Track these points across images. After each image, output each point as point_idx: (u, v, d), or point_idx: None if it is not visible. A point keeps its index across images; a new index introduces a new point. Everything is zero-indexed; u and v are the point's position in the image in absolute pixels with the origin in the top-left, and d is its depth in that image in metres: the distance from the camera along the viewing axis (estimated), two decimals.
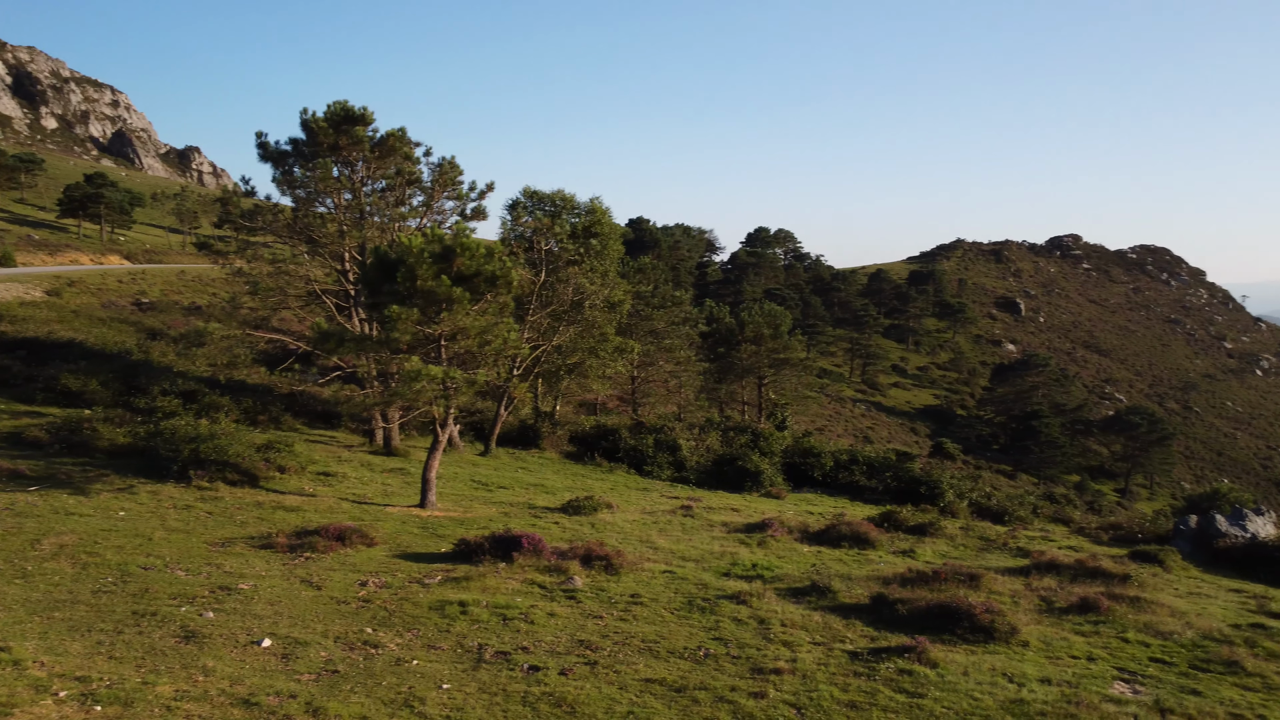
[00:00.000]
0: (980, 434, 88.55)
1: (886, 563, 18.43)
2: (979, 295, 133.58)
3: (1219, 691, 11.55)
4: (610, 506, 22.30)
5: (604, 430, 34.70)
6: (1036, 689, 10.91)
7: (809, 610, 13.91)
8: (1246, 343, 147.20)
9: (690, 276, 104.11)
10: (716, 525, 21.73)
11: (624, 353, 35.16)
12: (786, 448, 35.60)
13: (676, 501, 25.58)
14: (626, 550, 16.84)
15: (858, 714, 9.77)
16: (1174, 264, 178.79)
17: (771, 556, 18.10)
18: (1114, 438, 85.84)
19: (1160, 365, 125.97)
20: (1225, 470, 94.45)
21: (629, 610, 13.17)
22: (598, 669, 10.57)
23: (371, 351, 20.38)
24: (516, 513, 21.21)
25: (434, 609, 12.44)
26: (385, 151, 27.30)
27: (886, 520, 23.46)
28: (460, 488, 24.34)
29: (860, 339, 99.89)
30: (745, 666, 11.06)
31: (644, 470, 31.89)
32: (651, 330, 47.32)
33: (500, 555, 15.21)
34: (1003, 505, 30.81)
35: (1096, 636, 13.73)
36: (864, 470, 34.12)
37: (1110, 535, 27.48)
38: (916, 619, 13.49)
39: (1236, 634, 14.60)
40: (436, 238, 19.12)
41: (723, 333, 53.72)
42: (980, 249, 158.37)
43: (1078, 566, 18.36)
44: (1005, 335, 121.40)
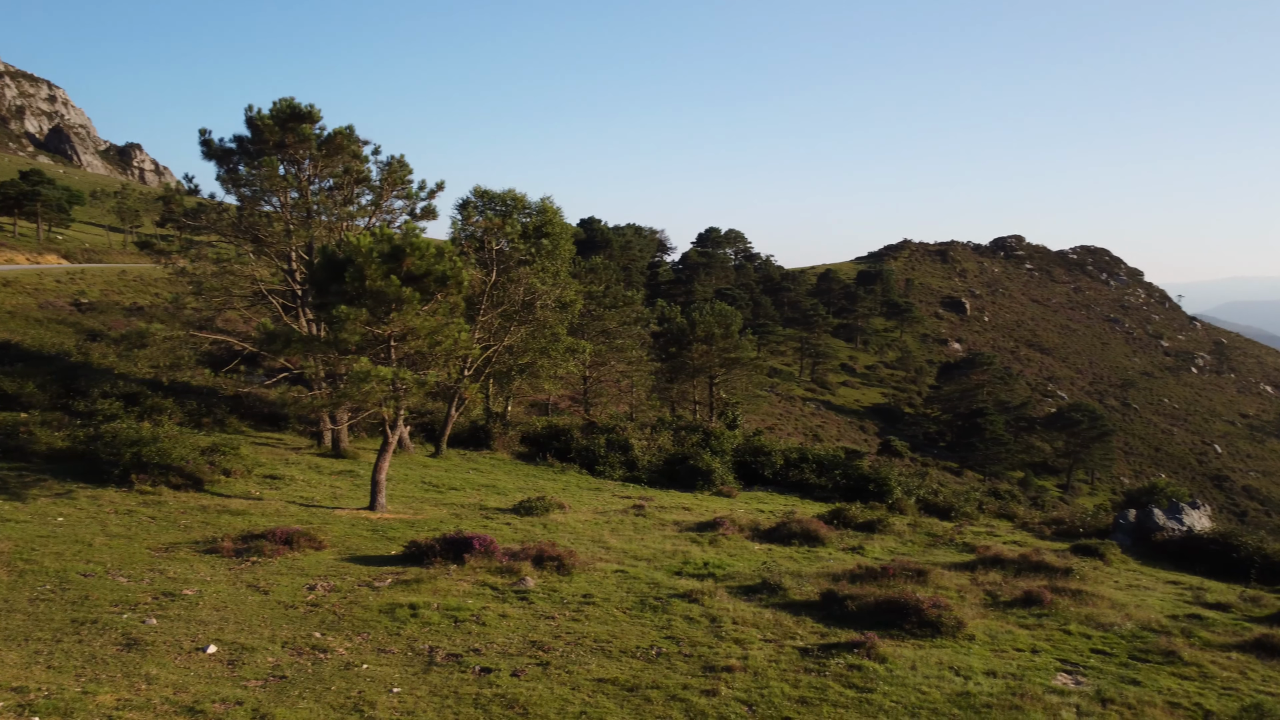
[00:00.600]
0: (927, 431, 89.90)
1: (836, 559, 18.64)
2: (926, 295, 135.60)
3: (1157, 681, 11.87)
4: (562, 507, 22.27)
5: (556, 430, 34.62)
6: (982, 682, 11.13)
7: (760, 608, 14.02)
8: (1182, 341, 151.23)
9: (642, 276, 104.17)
10: (668, 524, 21.80)
11: (576, 353, 35.11)
12: (737, 446, 35.81)
13: (628, 501, 25.62)
14: (579, 550, 16.83)
15: (808, 710, 9.88)
16: (1113, 264, 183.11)
17: (723, 555, 18.21)
18: (1056, 434, 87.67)
19: (1100, 363, 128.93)
20: (1163, 465, 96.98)
21: (581, 610, 13.16)
22: (550, 670, 10.56)
23: (319, 352, 20.12)
24: (468, 514, 21.08)
25: (384, 612, 12.32)
26: (333, 150, 26.95)
27: (836, 517, 23.72)
28: (410, 489, 24.13)
29: (810, 338, 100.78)
30: (697, 665, 11.12)
31: (596, 470, 31.87)
32: (603, 330, 47.29)
33: (451, 557, 15.11)
34: (949, 501, 31.34)
35: (1040, 629, 14.03)
36: (814, 468, 34.45)
37: (1053, 530, 28.09)
38: (866, 615, 13.67)
39: (1174, 625, 15.02)
40: (386, 237, 18.94)
41: (674, 332, 53.87)
42: (927, 249, 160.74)
43: (1022, 561, 18.75)
44: (951, 334, 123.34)
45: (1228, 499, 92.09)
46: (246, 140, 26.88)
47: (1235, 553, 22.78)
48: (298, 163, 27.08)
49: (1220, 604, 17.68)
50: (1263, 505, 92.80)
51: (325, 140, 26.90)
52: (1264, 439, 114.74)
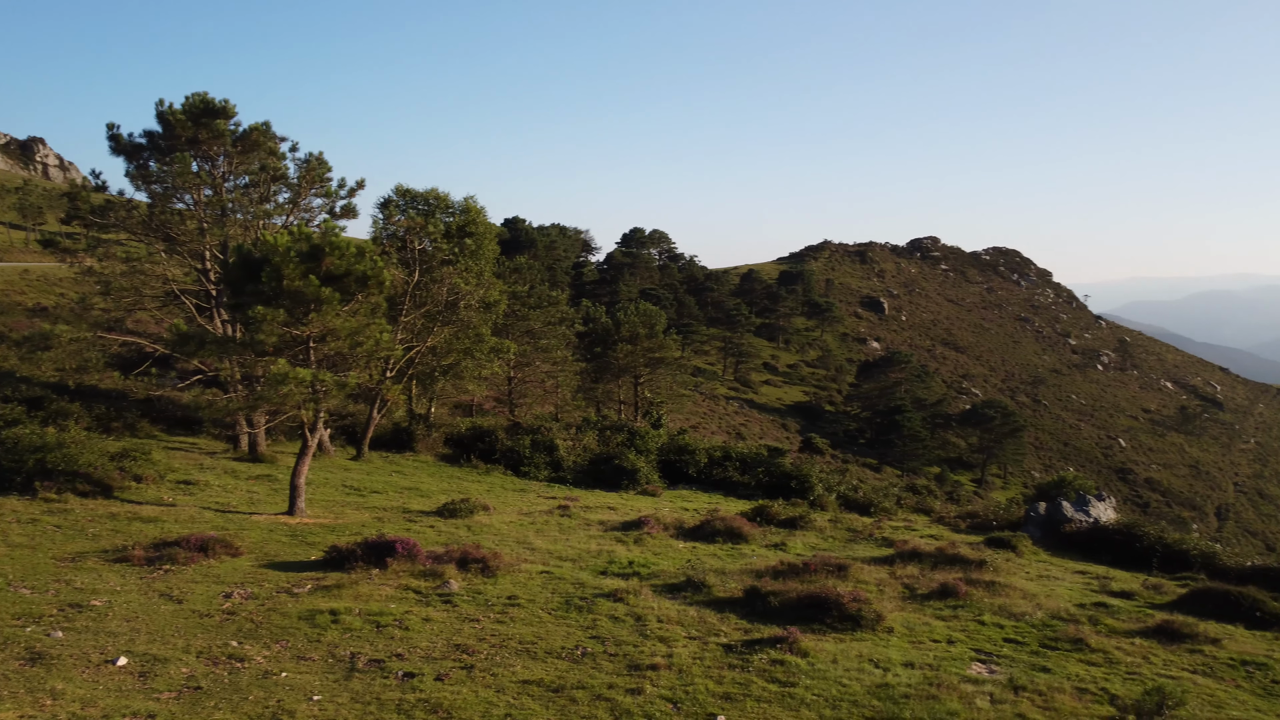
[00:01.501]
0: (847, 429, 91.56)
1: (759, 556, 18.90)
2: (845, 295, 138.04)
3: (1066, 668, 12.33)
4: (487, 508, 22.13)
5: (480, 432, 34.35)
6: (901, 673, 11.41)
7: (685, 605, 14.15)
8: (1089, 339, 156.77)
9: (566, 276, 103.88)
10: (594, 524, 21.83)
11: (500, 353, 34.88)
12: (662, 446, 36.02)
13: (554, 501, 25.57)
14: (504, 552, 16.75)
15: (732, 705, 10.01)
16: (1023, 265, 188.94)
17: (648, 554, 18.31)
18: (971, 430, 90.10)
19: (1012, 361, 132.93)
20: (1071, 459, 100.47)
21: (506, 612, 13.11)
22: (474, 673, 10.49)
23: (235, 354, 19.64)
24: (390, 517, 20.79)
25: (304, 619, 12.09)
26: (248, 146, 26.32)
27: (759, 515, 24.03)
28: (331, 493, 23.70)
29: (733, 338, 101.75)
30: (622, 664, 11.17)
31: (521, 471, 31.73)
32: (528, 330, 47.10)
33: (373, 561, 14.89)
34: (869, 497, 32.02)
35: (956, 620, 14.44)
36: (737, 466, 34.84)
37: (968, 523, 28.92)
38: (788, 610, 13.90)
39: (1082, 613, 15.61)
40: (304, 236, 18.56)
41: (599, 332, 53.91)
42: (846, 250, 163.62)
43: (938, 554, 19.27)
44: (870, 333, 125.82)
45: (1131, 491, 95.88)
46: (158, 136, 26.10)
47: (1138, 543, 23.77)
48: (212, 159, 26.39)
49: (1125, 592, 18.44)
50: (1164, 497, 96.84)
51: (240, 136, 26.26)
52: (1165, 433, 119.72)
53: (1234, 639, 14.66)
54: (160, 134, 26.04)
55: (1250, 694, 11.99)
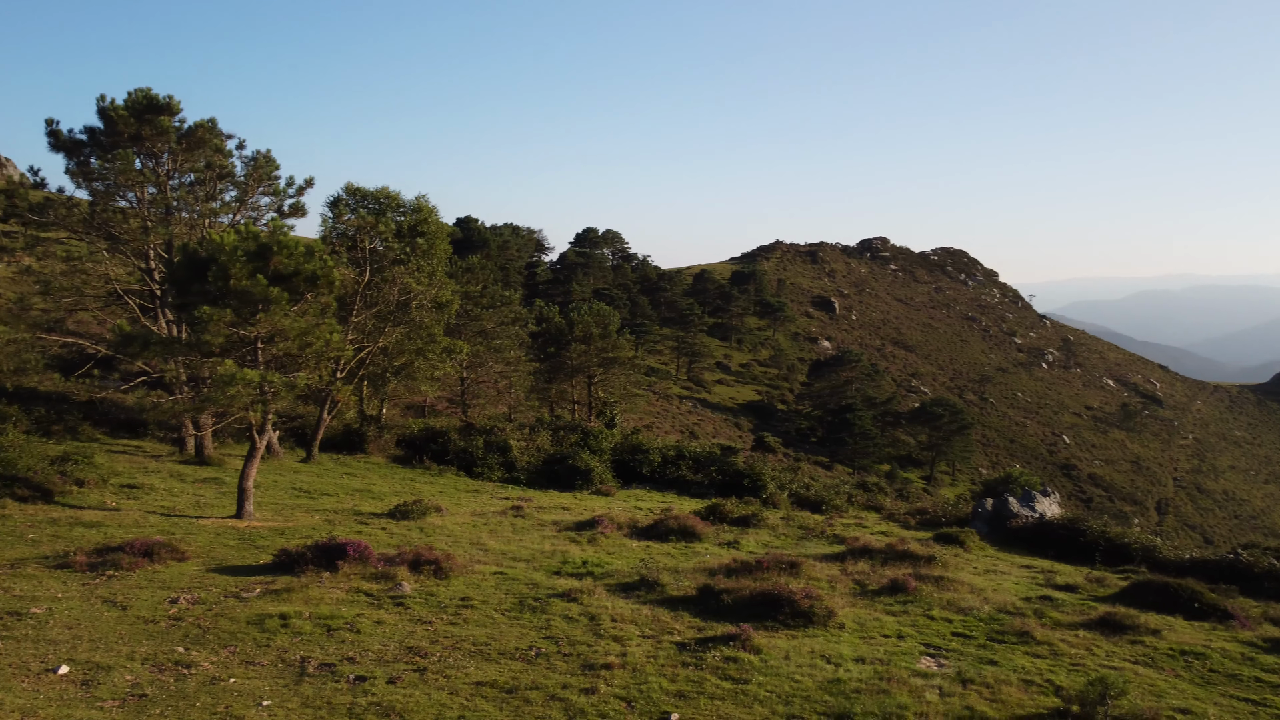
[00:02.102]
0: (799, 427, 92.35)
1: (712, 554, 19.01)
2: (797, 294, 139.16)
3: (1013, 660, 12.59)
4: (440, 510, 21.98)
5: (433, 432, 34.08)
6: (852, 668, 11.57)
7: (638, 604, 14.19)
8: (1034, 338, 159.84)
9: (520, 276, 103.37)
10: (547, 524, 21.79)
11: (452, 354, 34.64)
12: (616, 445, 36.04)
13: (507, 502, 25.47)
14: (456, 553, 16.66)
15: (686, 703, 10.07)
16: (971, 265, 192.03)
17: (602, 553, 18.33)
18: (920, 428, 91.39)
19: (960, 360, 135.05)
20: (1017, 456, 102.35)
21: (459, 614, 13.04)
22: (427, 675, 10.43)
23: (181, 355, 19.28)
24: (341, 520, 20.56)
25: (252, 623, 11.92)
26: (194, 143, 25.84)
27: (712, 513, 24.16)
28: (280, 496, 23.36)
29: (686, 337, 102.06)
30: (576, 663, 11.18)
31: (474, 472, 31.55)
32: (481, 330, 46.83)
33: (324, 564, 14.73)
34: (820, 495, 32.33)
35: (905, 615, 14.67)
36: (690, 465, 34.97)
37: (917, 520, 29.33)
38: (741, 607, 14.01)
39: (1027, 606, 15.95)
40: (251, 235, 18.28)
41: (552, 332, 53.77)
42: (797, 250, 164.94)
43: (888, 550, 19.55)
44: (821, 333, 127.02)
45: (1075, 486, 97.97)
46: (99, 132, 25.51)
47: (1082, 537, 24.32)
48: (156, 156, 25.87)
49: (1069, 585, 18.86)
50: (1106, 492, 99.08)
51: (185, 133, 25.78)
52: (1107, 430, 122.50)
53: (1173, 630, 15.08)
54: (102, 130, 25.45)
55: (1189, 683, 12.35)
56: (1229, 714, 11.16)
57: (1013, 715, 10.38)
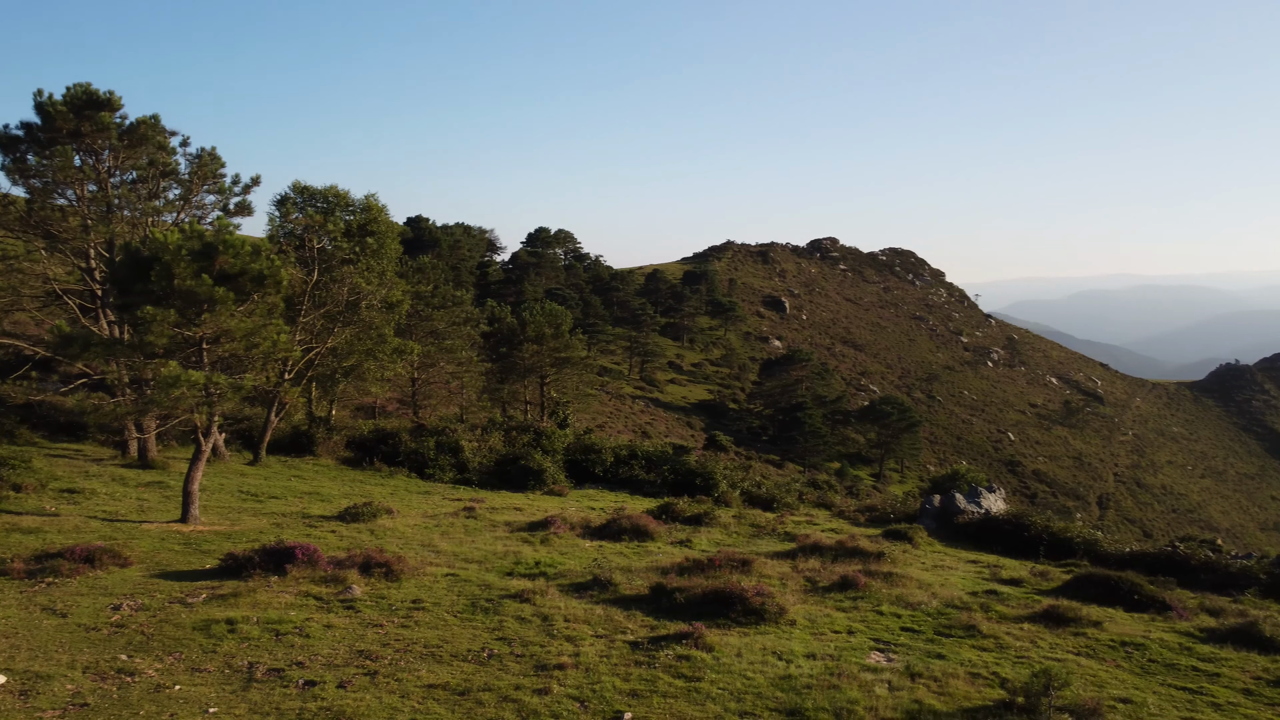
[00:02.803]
0: (750, 426, 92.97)
1: (665, 553, 19.07)
2: (748, 294, 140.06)
3: (960, 653, 12.81)
4: (390, 512, 21.78)
5: (383, 434, 33.75)
6: (803, 664, 11.69)
7: (591, 604, 14.20)
8: (979, 337, 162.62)
9: (471, 276, 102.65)
10: (500, 525, 21.70)
11: (403, 354, 34.31)
12: (568, 445, 35.99)
13: (459, 503, 25.32)
14: (408, 555, 16.53)
15: (639, 702, 10.10)
16: (918, 265, 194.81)
17: (554, 553, 18.31)
18: (869, 426, 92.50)
19: (908, 358, 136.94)
20: (963, 453, 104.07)
21: (411, 616, 12.95)
22: (378, 679, 10.34)
23: (123, 356, 18.85)
24: (290, 523, 20.28)
25: (198, 629, 11.72)
26: (136, 140, 25.29)
27: (665, 512, 24.24)
28: (227, 499, 22.96)
29: (638, 337, 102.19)
30: (529, 664, 11.16)
31: (425, 473, 31.31)
32: (432, 331, 46.45)
33: (272, 568, 14.52)
34: (771, 493, 32.61)
35: (855, 611, 14.85)
36: (643, 465, 35.05)
37: (867, 516, 29.71)
38: (694, 606, 14.08)
39: (974, 600, 16.23)
40: (196, 234, 17.96)
41: (505, 333, 53.51)
42: (749, 250, 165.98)
43: (838, 547, 19.76)
44: (772, 332, 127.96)
45: (1020, 483, 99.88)
46: (36, 128, 24.88)
47: (1026, 532, 24.81)
48: (96, 153, 25.29)
49: (1014, 579, 19.24)
50: (1050, 487, 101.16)
51: (127, 130, 25.23)
52: (1050, 426, 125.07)
53: (1114, 621, 15.46)
54: (39, 126, 24.82)
55: (1129, 673, 12.67)
56: (1167, 703, 11.47)
57: (960, 708, 10.56)
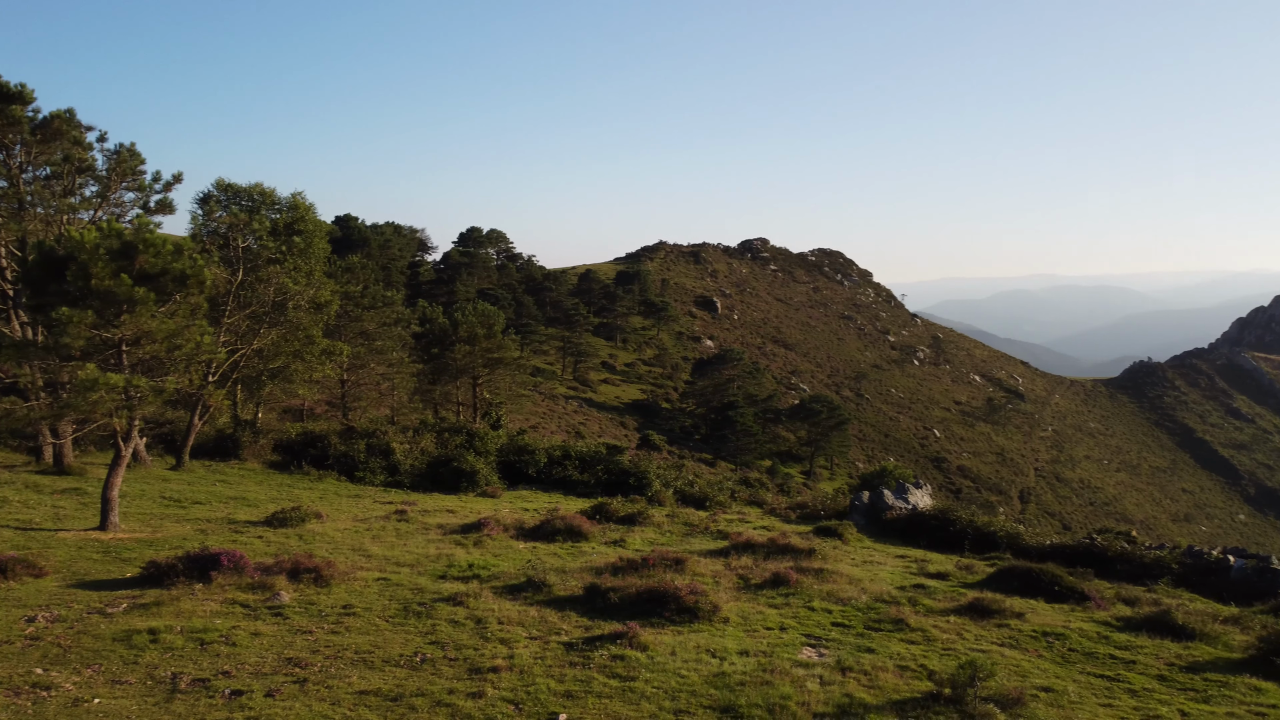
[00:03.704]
0: (683, 425, 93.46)
1: (599, 553, 19.10)
2: (680, 294, 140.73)
3: (889, 647, 13.08)
4: (319, 516, 21.41)
5: (312, 437, 33.12)
6: (736, 661, 11.82)
7: (525, 606, 14.16)
8: (906, 336, 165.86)
9: (402, 276, 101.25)
10: (432, 528, 21.48)
11: (332, 355, 33.73)
12: (502, 446, 35.78)
13: (390, 506, 24.99)
14: (338, 560, 16.27)
15: (574, 703, 10.11)
16: (847, 266, 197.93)
17: (488, 555, 18.20)
18: (799, 424, 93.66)
19: (837, 357, 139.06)
20: (891, 450, 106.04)
21: (341, 622, 12.75)
22: (308, 686, 10.18)
23: (37, 358, 18.22)
24: (215, 529, 19.80)
25: (119, 640, 11.38)
26: (50, 135, 24.45)
27: (598, 512, 24.27)
28: (148, 506, 22.32)
29: (571, 337, 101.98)
30: (463, 668, 11.09)
31: (356, 477, 30.83)
32: (362, 332, 45.74)
33: (196, 576, 14.17)
34: (704, 492, 32.86)
35: (787, 607, 15.06)
36: (577, 465, 35.01)
37: (798, 514, 30.12)
38: (628, 605, 14.14)
39: (902, 595, 16.58)
40: (115, 232, 17.41)
41: (436, 333, 52.94)
42: (681, 251, 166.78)
43: (770, 545, 20.01)
44: (704, 332, 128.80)
45: (945, 478, 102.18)
46: None
47: (952, 526, 25.42)
48: (7, 148, 24.38)
49: (940, 573, 19.70)
50: (974, 483, 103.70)
51: (40, 124, 24.38)
52: (974, 423, 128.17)
53: (1036, 612, 15.94)
54: None
55: (1050, 662, 13.09)
56: (1086, 690, 11.88)
57: (889, 700, 10.79)
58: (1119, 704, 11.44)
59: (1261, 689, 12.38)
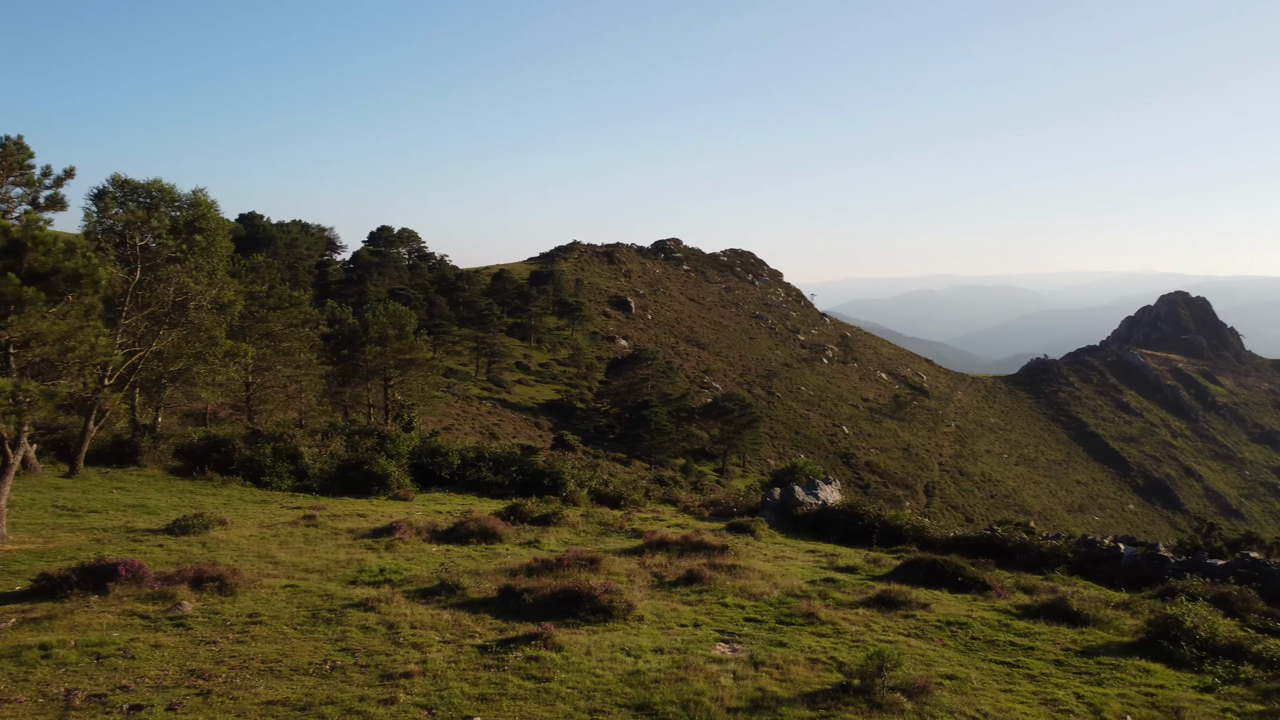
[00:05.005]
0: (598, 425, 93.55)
1: (514, 555, 19.01)
2: (594, 294, 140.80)
3: (800, 640, 13.35)
4: (224, 523, 20.78)
5: (215, 441, 32.10)
6: (651, 659, 11.92)
7: (439, 609, 14.02)
8: (815, 335, 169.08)
9: (310, 276, 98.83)
10: (342, 533, 21.07)
11: (236, 357, 32.72)
12: (414, 449, 35.27)
13: (299, 511, 24.41)
14: (243, 568, 15.84)
15: (488, 706, 10.06)
16: (758, 266, 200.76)
17: (400, 560, 17.95)
18: (713, 422, 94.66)
19: (748, 356, 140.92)
20: (801, 446, 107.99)
21: (247, 631, 12.43)
22: (211, 698, 9.90)
23: None
24: (112, 538, 19.04)
25: (7, 657, 10.88)
26: None
27: (513, 513, 24.14)
28: (39, 515, 21.33)
29: (485, 338, 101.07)
30: (374, 674, 10.93)
31: (262, 482, 29.99)
32: (268, 333, 44.51)
33: (92, 587, 13.62)
34: (619, 491, 32.96)
35: (701, 604, 15.24)
36: (491, 466, 34.74)
37: (711, 511, 30.44)
38: (543, 606, 14.12)
39: (813, 589, 16.93)
40: (1, 229, 16.63)
41: (346, 334, 51.86)
42: (594, 251, 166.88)
43: (684, 542, 20.20)
44: (618, 332, 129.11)
45: (854, 474, 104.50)
46: None
47: (860, 521, 26.05)
48: None
49: (849, 567, 20.17)
50: (881, 478, 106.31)
51: None
52: (881, 420, 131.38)
53: (940, 603, 16.47)
54: None
55: (954, 651, 13.54)
56: (988, 677, 12.33)
57: (801, 693, 11.02)
58: (1019, 689, 11.91)
59: (1150, 670, 13.04)
